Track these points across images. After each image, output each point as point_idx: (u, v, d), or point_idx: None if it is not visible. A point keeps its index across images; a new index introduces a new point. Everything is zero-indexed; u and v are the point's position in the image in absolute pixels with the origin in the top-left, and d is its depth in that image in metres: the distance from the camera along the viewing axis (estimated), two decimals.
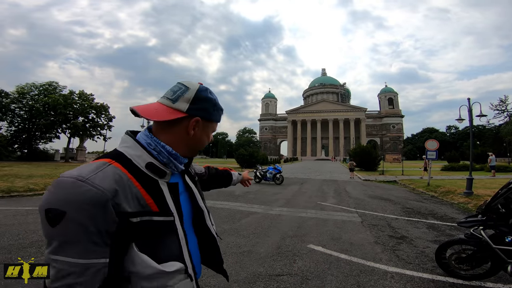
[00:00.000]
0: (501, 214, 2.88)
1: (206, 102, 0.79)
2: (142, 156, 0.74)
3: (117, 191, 0.64)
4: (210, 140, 0.87)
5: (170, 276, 0.71)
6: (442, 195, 10.13)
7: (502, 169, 20.26)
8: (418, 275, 3.20)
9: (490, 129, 53.64)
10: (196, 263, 0.85)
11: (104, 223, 0.62)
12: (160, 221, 0.71)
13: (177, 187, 0.80)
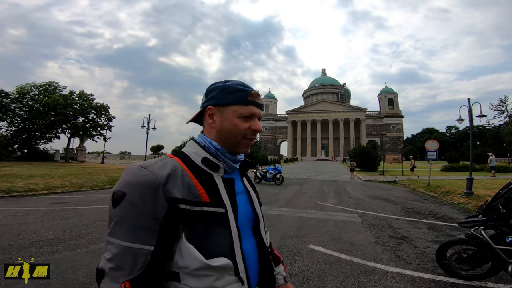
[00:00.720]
0: (502, 214, 2.88)
1: (214, 91, 0.81)
2: (198, 152, 0.79)
3: (169, 177, 0.69)
4: (242, 127, 0.79)
5: (217, 274, 0.70)
6: (442, 196, 10.14)
7: (502, 170, 20.28)
8: (418, 275, 3.19)
9: (490, 129, 53.61)
10: (251, 269, 0.80)
11: (153, 207, 0.66)
12: (211, 211, 0.71)
13: (232, 182, 0.81)
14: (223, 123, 0.79)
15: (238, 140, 0.80)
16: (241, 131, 0.79)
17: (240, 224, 0.77)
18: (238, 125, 0.79)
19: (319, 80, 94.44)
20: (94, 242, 4.24)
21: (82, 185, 11.71)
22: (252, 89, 0.81)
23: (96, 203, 8.05)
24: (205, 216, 0.70)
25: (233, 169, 0.83)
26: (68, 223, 5.42)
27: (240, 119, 0.79)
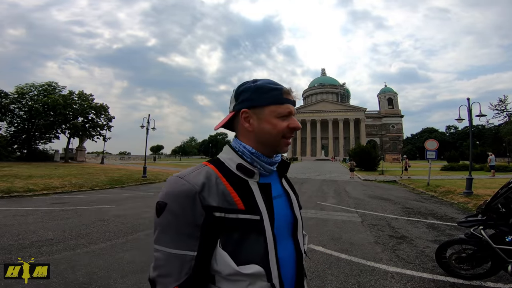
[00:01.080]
0: (501, 214, 2.88)
1: (245, 92, 0.79)
2: (232, 158, 0.78)
3: (204, 186, 0.70)
4: (281, 126, 0.78)
5: (249, 280, 0.69)
6: (442, 195, 10.15)
7: (501, 169, 20.30)
8: (418, 275, 3.20)
9: (490, 129, 53.71)
10: (286, 275, 0.78)
11: (192, 215, 0.68)
12: (245, 219, 0.71)
13: (269, 188, 0.78)
14: (261, 125, 0.78)
15: (278, 140, 0.79)
16: (281, 131, 0.77)
17: (277, 229, 0.76)
18: (277, 125, 0.77)
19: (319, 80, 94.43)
20: (94, 242, 4.25)
21: (82, 186, 11.70)
22: (284, 86, 0.80)
23: (95, 203, 8.05)
24: (240, 223, 0.70)
25: (270, 171, 0.82)
26: (68, 223, 5.42)
27: (278, 119, 0.77)
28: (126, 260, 3.50)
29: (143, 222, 5.63)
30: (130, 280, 2.95)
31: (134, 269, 3.23)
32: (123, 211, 6.81)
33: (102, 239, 4.43)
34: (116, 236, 4.64)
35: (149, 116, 17.83)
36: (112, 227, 5.23)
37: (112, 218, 5.93)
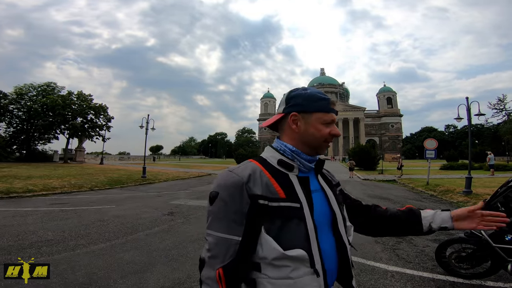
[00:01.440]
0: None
1: (297, 98, 0.88)
2: (274, 155, 0.88)
3: (250, 177, 0.79)
4: (325, 132, 0.86)
5: (293, 265, 0.77)
6: (441, 194, 10.16)
7: (501, 168, 20.31)
8: (418, 274, 3.20)
9: (489, 128, 53.79)
10: (329, 263, 0.85)
11: (240, 203, 0.77)
12: (287, 206, 0.78)
13: (307, 181, 0.86)
14: (307, 128, 0.87)
15: (320, 143, 0.88)
16: (324, 135, 0.87)
17: (317, 220, 0.82)
18: (322, 130, 0.86)
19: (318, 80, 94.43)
20: (94, 243, 4.24)
21: (81, 186, 11.68)
22: (330, 98, 0.89)
23: (95, 203, 8.04)
24: (281, 210, 0.78)
25: (309, 168, 0.89)
26: (67, 223, 5.41)
27: (323, 125, 0.87)
28: (125, 261, 3.50)
29: (143, 223, 5.62)
30: (130, 280, 2.94)
31: (134, 269, 3.23)
32: (122, 211, 6.81)
33: (101, 240, 4.42)
34: (115, 236, 4.64)
35: (148, 116, 17.83)
36: (111, 227, 5.22)
37: (112, 219, 5.93)
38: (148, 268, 3.27)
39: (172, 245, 4.18)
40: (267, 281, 0.77)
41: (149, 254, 3.77)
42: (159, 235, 4.77)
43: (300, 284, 0.76)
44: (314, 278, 0.78)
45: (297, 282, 0.76)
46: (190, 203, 8.18)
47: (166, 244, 4.26)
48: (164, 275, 3.08)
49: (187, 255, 3.79)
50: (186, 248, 4.08)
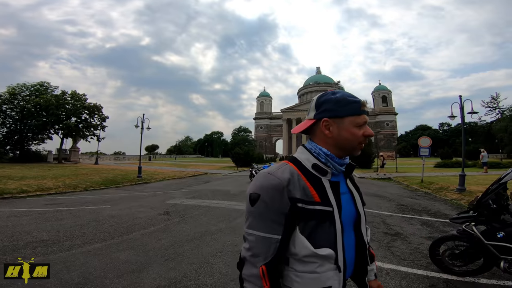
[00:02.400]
0: (493, 210, 2.86)
1: (326, 103, 0.90)
2: (308, 158, 0.92)
3: (289, 181, 0.84)
4: (358, 134, 0.89)
5: (320, 262, 0.84)
6: (436, 192, 10.27)
7: (494, 166, 20.57)
8: (412, 272, 3.23)
9: (482, 126, 54.40)
10: (348, 260, 0.91)
11: (280, 204, 0.83)
12: (321, 210, 0.85)
13: (338, 186, 0.91)
14: (341, 132, 0.89)
15: (355, 146, 0.91)
16: (358, 138, 0.89)
17: (343, 220, 0.89)
18: (356, 133, 0.89)
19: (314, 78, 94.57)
20: (89, 243, 4.22)
21: (76, 186, 11.59)
22: (361, 99, 0.90)
23: (90, 203, 7.99)
24: (316, 213, 0.84)
25: (340, 171, 0.93)
26: (62, 224, 5.37)
27: (356, 128, 0.89)
28: (121, 260, 3.49)
29: (139, 222, 5.60)
30: (126, 280, 2.94)
31: (130, 269, 3.22)
32: (118, 211, 6.77)
33: (97, 240, 4.40)
34: (111, 236, 4.62)
35: (143, 116, 17.71)
36: (107, 227, 5.20)
37: (107, 218, 5.90)
38: (144, 268, 3.27)
39: (168, 245, 4.17)
40: (293, 274, 0.85)
41: (145, 254, 3.76)
42: (155, 234, 4.76)
43: (323, 278, 0.84)
44: (336, 273, 0.85)
45: (322, 276, 0.84)
46: (186, 202, 8.16)
47: (162, 243, 4.25)
48: (160, 275, 3.08)
49: (183, 254, 3.79)
50: (182, 247, 4.08)
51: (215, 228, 5.19)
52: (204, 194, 10.09)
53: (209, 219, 6.04)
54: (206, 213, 6.64)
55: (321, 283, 0.84)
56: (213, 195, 9.90)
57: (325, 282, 0.84)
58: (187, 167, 28.25)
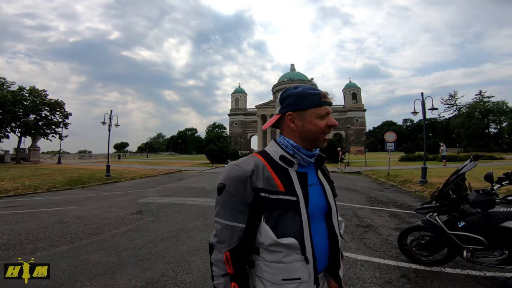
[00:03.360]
0: (453, 200, 2.94)
1: (289, 98, 0.94)
2: (276, 150, 0.95)
3: (253, 172, 0.88)
4: (321, 125, 0.92)
5: (286, 251, 0.86)
6: (401, 184, 10.92)
7: (452, 159, 22.30)
8: (384, 262, 3.34)
9: (441, 122, 58.74)
10: (319, 251, 0.92)
11: (244, 194, 0.87)
12: (285, 199, 0.87)
13: (305, 176, 0.94)
14: (304, 124, 0.93)
15: (318, 136, 0.94)
16: (321, 129, 0.92)
17: (311, 211, 0.91)
18: (318, 124, 0.92)
19: (288, 75, 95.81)
20: (54, 245, 3.96)
21: (37, 187, 10.78)
22: (321, 91, 0.93)
23: (54, 205, 7.47)
24: (280, 202, 0.87)
25: (308, 163, 0.96)
26: (24, 227, 4.98)
27: (318, 119, 0.92)
28: (92, 262, 3.31)
29: (109, 223, 5.34)
30: (99, 282, 2.80)
31: (102, 271, 3.07)
32: (85, 212, 6.41)
33: (63, 242, 4.13)
34: (78, 237, 4.36)
35: (111, 112, 16.82)
36: (73, 229, 4.90)
37: (73, 220, 5.56)
38: (118, 269, 3.12)
39: (142, 244, 4.03)
40: (263, 263, 0.88)
41: (118, 254, 3.60)
42: (127, 234, 4.57)
43: (291, 268, 0.86)
44: (304, 265, 0.87)
45: (289, 266, 0.86)
46: (159, 201, 7.92)
47: (135, 243, 4.09)
48: (136, 275, 2.96)
49: (159, 253, 3.68)
50: (157, 246, 3.95)
51: (191, 226, 5.10)
52: (178, 192, 9.86)
53: (185, 216, 5.92)
54: (181, 211, 6.50)
55: (288, 273, 0.86)
56: (188, 192, 9.71)
57: (293, 273, 0.86)
58: (160, 165, 27.42)
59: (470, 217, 2.77)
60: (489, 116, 48.26)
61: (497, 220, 2.58)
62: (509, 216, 2.54)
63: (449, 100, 56.03)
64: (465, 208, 2.88)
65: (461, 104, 54.30)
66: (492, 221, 2.62)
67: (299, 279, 0.86)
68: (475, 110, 49.28)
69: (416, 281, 2.83)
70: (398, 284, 2.77)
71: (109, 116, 16.72)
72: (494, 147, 45.37)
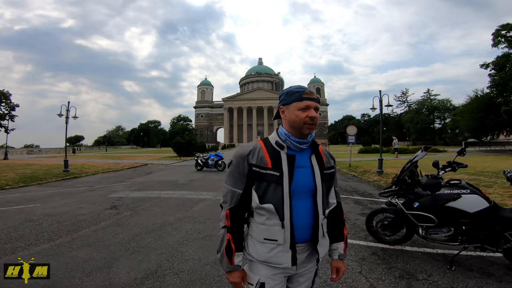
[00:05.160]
0: (409, 184, 3.45)
1: (282, 95, 1.21)
2: (274, 137, 1.21)
3: (250, 152, 1.17)
4: (301, 116, 1.12)
5: (267, 215, 1.12)
6: (361, 175, 11.92)
7: (402, 151, 24.64)
8: (356, 243, 3.79)
9: (394, 117, 63.88)
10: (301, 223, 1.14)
11: (242, 167, 1.16)
12: (270, 173, 1.12)
13: (293, 158, 1.15)
14: (289, 115, 1.16)
15: (301, 125, 1.13)
16: (302, 119, 1.13)
17: (295, 188, 1.12)
18: (299, 115, 1.13)
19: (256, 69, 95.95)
20: (34, 244, 3.83)
21: None
22: (305, 89, 1.15)
23: (14, 203, 6.94)
24: (267, 176, 1.13)
25: (298, 148, 1.17)
26: None
27: (300, 111, 1.13)
28: (82, 258, 3.29)
29: (84, 219, 5.21)
30: (98, 277, 2.82)
31: (96, 266, 3.09)
32: (52, 209, 6.10)
33: (42, 240, 4.00)
34: (57, 235, 4.23)
35: (68, 104, 15.64)
36: (46, 226, 4.70)
37: (43, 217, 5.30)
38: (112, 263, 3.16)
39: (129, 238, 4.06)
40: (254, 224, 1.18)
41: (106, 249, 3.61)
42: (109, 229, 4.54)
43: (271, 230, 1.12)
44: (280, 229, 1.11)
45: (269, 228, 1.12)
46: (133, 195, 7.78)
47: (121, 237, 4.11)
48: (132, 268, 3.03)
49: (148, 246, 3.76)
50: (144, 239, 4.02)
51: (173, 218, 5.19)
52: (150, 186, 9.69)
53: (164, 210, 5.96)
54: (159, 204, 6.51)
55: (268, 234, 1.12)
56: (161, 186, 9.60)
57: (272, 235, 1.11)
58: (123, 159, 26.11)
59: (422, 199, 3.21)
60: (435, 113, 53.74)
61: (443, 201, 3.03)
62: (452, 197, 3.00)
63: (401, 97, 61.34)
64: (418, 191, 3.37)
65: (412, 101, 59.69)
66: (439, 201, 3.06)
67: (276, 241, 1.11)
68: (423, 107, 54.50)
69: (384, 257, 3.29)
70: (371, 260, 3.23)
71: (66, 108, 15.53)
72: (439, 140, 50.59)
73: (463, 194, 2.99)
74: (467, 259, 3.16)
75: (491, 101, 24.66)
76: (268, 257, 1.13)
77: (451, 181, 3.19)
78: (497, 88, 24.36)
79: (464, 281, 2.63)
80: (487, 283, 2.58)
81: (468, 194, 2.99)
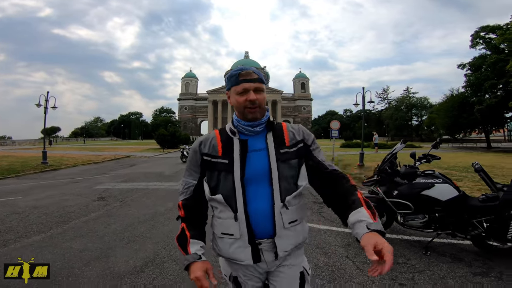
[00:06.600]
0: (389, 174, 3.67)
1: (226, 80, 1.13)
2: (229, 125, 1.12)
3: (202, 142, 1.10)
4: (240, 100, 1.04)
5: (220, 208, 1.04)
6: (344, 167, 12.36)
7: (382, 146, 25.64)
8: (342, 230, 4.04)
9: (374, 113, 65.82)
10: (262, 216, 1.00)
11: (195, 158, 1.10)
12: (220, 162, 1.04)
13: (246, 143, 1.05)
14: (232, 101, 1.09)
15: (242, 110, 1.05)
16: (241, 103, 1.04)
17: (249, 175, 1.01)
18: (238, 99, 1.05)
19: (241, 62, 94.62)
20: (25, 236, 3.79)
21: None
22: (242, 70, 1.06)
23: None
24: (217, 165, 1.04)
25: (250, 131, 1.06)
26: None
27: (239, 95, 1.05)
28: (77, 249, 3.30)
29: (73, 210, 5.16)
30: (97, 266, 2.85)
31: (94, 256, 3.12)
32: (36, 201, 5.98)
33: (32, 232, 3.96)
34: (47, 227, 4.19)
35: (47, 94, 15.01)
36: (34, 218, 4.64)
37: (29, 210, 5.20)
38: (109, 253, 3.20)
39: (122, 229, 4.10)
40: (214, 219, 1.10)
41: (101, 240, 3.64)
42: (100, 220, 4.54)
43: (226, 224, 1.02)
44: (233, 222, 1.00)
45: (224, 222, 1.03)
46: (119, 187, 7.72)
47: (113, 228, 4.14)
48: (130, 257, 3.09)
49: (143, 235, 3.83)
50: (138, 229, 4.07)
51: (163, 209, 5.25)
52: (135, 177, 9.61)
53: (153, 200, 6.00)
54: (147, 195, 6.53)
55: (224, 228, 1.03)
56: (147, 177, 9.55)
57: (227, 229, 1.02)
58: (103, 151, 25.50)
59: (401, 187, 3.41)
60: (413, 110, 55.87)
61: (418, 189, 3.25)
62: (427, 186, 3.26)
63: (382, 94, 63.26)
64: (397, 180, 3.59)
65: (392, 98, 61.72)
66: (415, 189, 3.27)
67: (232, 235, 1.01)
68: (402, 104, 56.50)
69: None
70: (356, 246, 3.47)
71: (45, 98, 14.89)
72: (415, 137, 52.66)
73: (436, 183, 3.26)
74: (440, 246, 3.45)
75: (465, 100, 25.91)
76: (230, 253, 1.03)
77: (426, 171, 3.47)
78: (472, 88, 25.64)
79: (438, 265, 2.91)
80: (458, 267, 2.85)
81: (440, 183, 3.26)
